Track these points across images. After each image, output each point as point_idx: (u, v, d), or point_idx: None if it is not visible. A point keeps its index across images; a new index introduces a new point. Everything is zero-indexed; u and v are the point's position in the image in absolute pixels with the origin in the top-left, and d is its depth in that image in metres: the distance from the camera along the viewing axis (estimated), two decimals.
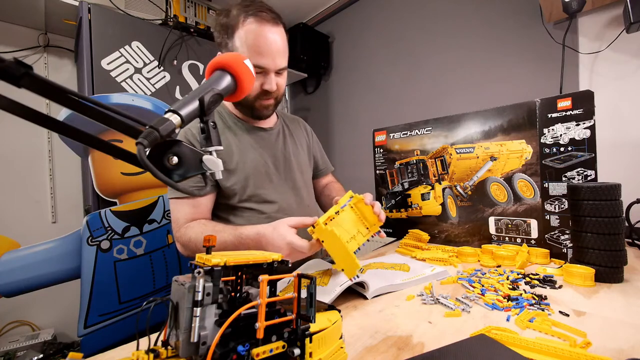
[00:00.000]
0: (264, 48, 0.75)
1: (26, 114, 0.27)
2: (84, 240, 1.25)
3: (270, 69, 0.78)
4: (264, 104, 0.83)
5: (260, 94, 0.80)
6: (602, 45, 1.20)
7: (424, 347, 0.44)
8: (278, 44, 0.77)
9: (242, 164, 0.83)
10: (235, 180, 0.82)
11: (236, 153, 0.83)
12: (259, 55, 0.75)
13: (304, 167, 0.99)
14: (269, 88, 0.79)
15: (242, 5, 0.76)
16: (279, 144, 0.94)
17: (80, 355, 0.29)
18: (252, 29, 0.74)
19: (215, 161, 0.36)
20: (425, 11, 1.80)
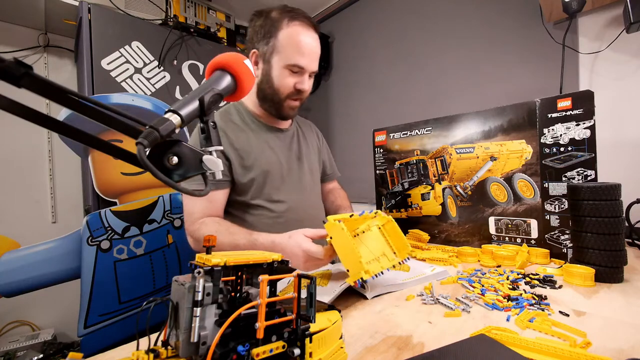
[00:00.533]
0: (306, 49, 0.80)
1: (26, 114, 0.27)
2: (84, 240, 1.25)
3: (307, 70, 0.82)
4: (291, 104, 0.86)
5: (292, 93, 0.84)
6: (602, 45, 1.20)
7: (424, 347, 0.44)
8: (316, 48, 0.83)
9: (259, 161, 0.85)
10: (251, 177, 0.84)
11: (254, 151, 0.85)
12: (301, 54, 0.79)
13: (314, 170, 1.01)
14: (302, 87, 0.83)
15: (284, 10, 0.81)
16: (293, 145, 0.96)
17: (80, 355, 0.29)
18: (298, 30, 0.79)
19: (215, 161, 0.36)
20: (425, 11, 1.80)
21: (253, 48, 0.84)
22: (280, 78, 0.82)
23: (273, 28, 0.80)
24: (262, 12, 0.83)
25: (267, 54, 0.82)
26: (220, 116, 0.88)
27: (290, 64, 0.79)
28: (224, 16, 1.82)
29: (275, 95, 0.84)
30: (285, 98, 0.84)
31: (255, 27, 0.83)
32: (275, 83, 0.82)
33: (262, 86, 0.85)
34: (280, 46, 0.79)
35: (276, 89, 0.83)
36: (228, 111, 0.91)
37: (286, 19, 0.79)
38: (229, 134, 0.84)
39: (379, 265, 0.57)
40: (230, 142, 0.83)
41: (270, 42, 0.80)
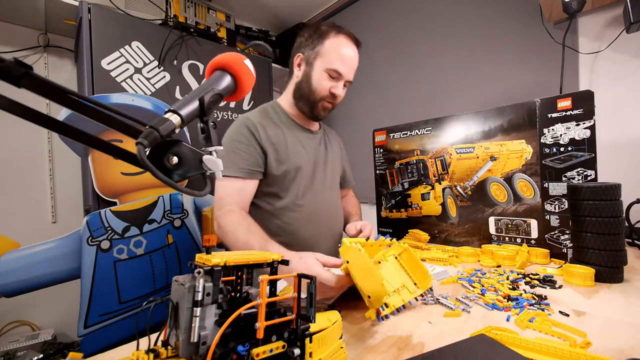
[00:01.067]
0: (347, 58, 0.88)
1: (26, 114, 0.27)
2: (84, 240, 1.25)
3: (344, 77, 0.89)
4: (325, 106, 0.93)
5: (326, 95, 0.90)
6: (602, 45, 1.20)
7: (424, 347, 0.44)
8: (355, 61, 0.92)
9: (293, 157, 0.91)
10: (284, 170, 0.89)
11: (289, 147, 0.92)
12: (342, 62, 0.88)
13: (336, 174, 1.07)
14: (337, 92, 0.90)
15: (332, 26, 0.91)
16: (321, 147, 1.02)
17: (80, 355, 0.29)
18: (343, 41, 0.89)
19: (215, 161, 0.36)
20: (425, 11, 1.80)
21: (299, 53, 0.93)
22: (318, 80, 0.89)
23: (321, 37, 0.89)
24: (312, 25, 0.94)
25: (311, 57, 0.90)
26: (259, 112, 0.95)
27: (331, 68, 0.87)
28: (224, 16, 1.82)
29: (312, 95, 0.91)
30: (320, 99, 0.91)
31: (304, 36, 0.93)
32: (314, 84, 0.90)
33: (300, 85, 0.93)
34: (325, 52, 0.88)
35: (313, 89, 0.90)
36: (265, 109, 0.98)
37: (334, 32, 0.89)
38: (266, 128, 0.90)
39: (399, 298, 0.52)
40: (267, 136, 0.89)
41: (316, 48, 0.89)
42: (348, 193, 1.22)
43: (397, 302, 0.51)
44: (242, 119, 0.91)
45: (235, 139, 0.87)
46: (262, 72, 1.87)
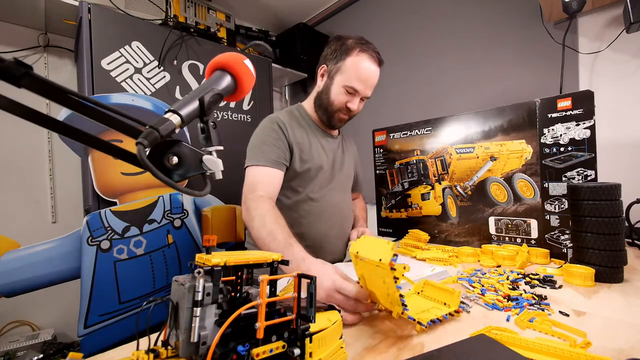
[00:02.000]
0: (365, 77, 0.94)
1: (26, 114, 0.27)
2: (84, 240, 1.25)
3: (360, 94, 0.96)
4: (341, 117, 1.00)
5: (342, 108, 0.98)
6: (602, 45, 1.20)
7: (424, 347, 0.44)
8: (374, 79, 0.98)
9: (315, 157, 0.98)
10: (307, 167, 0.96)
11: (312, 147, 0.99)
12: (359, 81, 0.94)
13: (349, 177, 1.14)
14: (352, 107, 0.97)
15: (359, 41, 0.95)
16: (338, 151, 1.09)
17: (80, 355, 0.29)
18: (364, 60, 0.93)
19: (215, 161, 0.36)
20: (425, 11, 1.80)
21: (324, 64, 0.99)
22: (336, 94, 0.96)
23: (344, 53, 0.94)
24: (341, 37, 0.98)
25: (333, 71, 0.96)
26: (286, 113, 1.03)
27: (348, 85, 0.93)
28: (224, 16, 1.82)
29: (329, 106, 0.98)
30: (336, 111, 0.98)
31: (331, 48, 0.98)
32: (332, 97, 0.97)
33: (320, 95, 1.00)
34: (345, 68, 0.94)
35: (331, 101, 0.97)
36: (292, 111, 1.05)
37: (358, 49, 0.93)
38: (293, 128, 0.97)
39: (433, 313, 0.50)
40: (294, 135, 0.96)
41: (339, 63, 0.95)
42: (357, 197, 1.30)
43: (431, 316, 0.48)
44: (272, 117, 0.98)
45: (267, 133, 0.93)
46: (262, 72, 1.87)
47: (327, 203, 1.01)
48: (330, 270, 0.56)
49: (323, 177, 1.01)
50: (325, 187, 1.01)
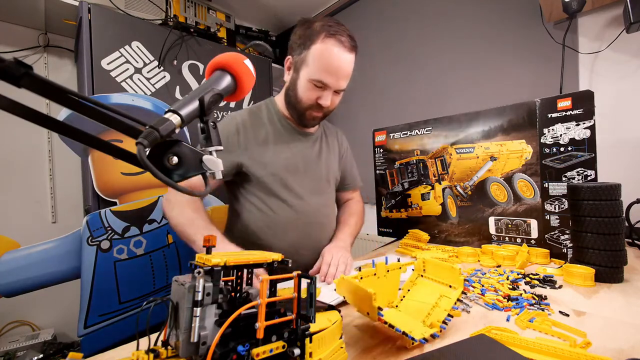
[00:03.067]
0: (334, 68, 0.80)
1: (26, 114, 0.27)
2: (84, 240, 1.25)
3: (331, 87, 0.83)
4: (313, 115, 0.88)
5: (313, 105, 0.85)
6: (602, 45, 1.20)
7: (424, 347, 0.44)
8: (346, 68, 0.83)
9: (276, 160, 0.88)
10: (266, 173, 0.87)
11: (271, 149, 0.88)
12: (326, 73, 0.80)
13: (331, 176, 1.01)
14: (324, 103, 0.84)
15: (326, 24, 0.81)
16: (314, 149, 0.97)
17: (80, 355, 0.29)
18: (329, 48, 0.79)
19: (215, 161, 0.36)
20: (425, 11, 1.80)
21: (290, 54, 0.87)
22: (304, 89, 0.84)
23: (309, 40, 0.81)
24: (307, 20, 0.85)
25: (298, 63, 0.84)
26: (248, 112, 0.92)
27: (314, 79, 0.81)
28: (224, 16, 1.82)
29: (298, 104, 0.87)
30: (307, 109, 0.87)
31: (296, 35, 0.85)
32: (299, 93, 0.85)
33: (288, 92, 0.89)
34: (310, 60, 0.81)
35: (299, 99, 0.86)
36: (259, 107, 0.95)
37: (323, 34, 0.80)
38: (250, 130, 0.88)
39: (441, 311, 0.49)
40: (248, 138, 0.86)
41: (303, 54, 0.82)
42: (352, 196, 1.15)
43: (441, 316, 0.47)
44: (228, 118, 0.89)
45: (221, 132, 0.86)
46: (262, 72, 1.87)
47: (296, 211, 0.89)
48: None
49: (290, 183, 0.89)
50: (293, 193, 0.90)
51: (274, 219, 0.88)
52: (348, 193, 1.14)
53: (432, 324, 0.46)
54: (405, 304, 0.53)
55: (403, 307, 0.52)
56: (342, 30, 0.81)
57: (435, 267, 0.56)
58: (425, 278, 0.56)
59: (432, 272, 0.56)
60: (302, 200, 0.91)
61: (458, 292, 0.50)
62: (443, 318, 0.47)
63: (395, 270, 0.54)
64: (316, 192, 0.95)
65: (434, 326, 0.46)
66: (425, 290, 0.54)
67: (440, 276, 0.54)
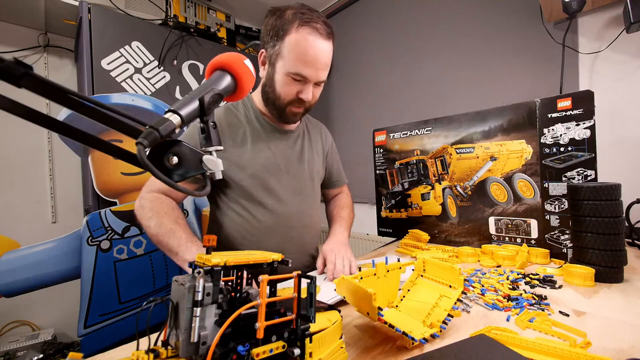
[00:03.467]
0: (311, 59, 0.75)
1: (26, 114, 0.27)
2: (84, 240, 1.25)
3: (311, 80, 0.78)
4: (294, 111, 0.83)
5: (294, 100, 0.80)
6: (602, 45, 1.20)
7: (424, 347, 0.44)
8: (325, 58, 0.78)
9: (254, 161, 0.83)
10: (244, 175, 0.82)
11: (250, 150, 0.83)
12: (304, 64, 0.75)
13: (315, 175, 0.97)
14: (305, 97, 0.79)
15: (299, 11, 0.76)
16: (296, 147, 0.93)
17: (80, 355, 0.29)
18: (306, 37, 0.74)
19: (215, 161, 0.36)
20: (425, 11, 1.80)
21: (262, 48, 0.82)
22: (282, 84, 0.78)
23: (282, 31, 0.75)
24: (277, 9, 0.79)
25: (273, 57, 0.78)
26: (224, 110, 0.87)
27: (292, 72, 0.76)
28: (224, 16, 1.82)
29: (277, 100, 0.81)
30: (287, 104, 0.81)
31: (267, 25, 0.79)
32: (277, 89, 0.80)
33: (265, 89, 0.84)
34: (285, 52, 0.75)
35: (277, 94, 0.80)
36: (235, 106, 0.89)
37: (297, 23, 0.74)
38: (226, 130, 0.83)
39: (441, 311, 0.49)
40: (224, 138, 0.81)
41: (277, 46, 0.77)
42: (338, 192, 1.12)
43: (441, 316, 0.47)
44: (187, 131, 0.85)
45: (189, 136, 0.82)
46: None
47: (279, 214, 0.86)
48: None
49: (271, 184, 0.85)
50: (275, 196, 0.86)
51: (256, 225, 0.84)
52: (336, 190, 1.12)
53: (432, 324, 0.46)
54: (405, 304, 0.53)
55: (403, 307, 0.52)
56: (316, 17, 0.76)
57: (435, 267, 0.56)
58: (425, 278, 0.56)
59: (432, 272, 0.56)
60: (284, 203, 0.87)
61: (458, 292, 0.50)
62: (443, 318, 0.47)
63: (395, 270, 0.54)
64: (299, 193, 0.91)
65: (434, 326, 0.46)
66: (425, 290, 0.55)
67: (440, 276, 0.54)
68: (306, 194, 0.93)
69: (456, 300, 0.49)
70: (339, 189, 1.13)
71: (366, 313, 0.47)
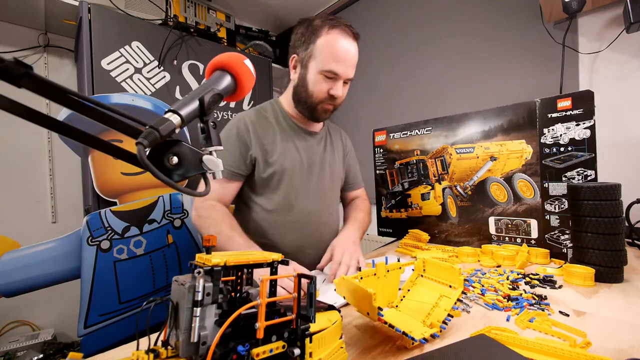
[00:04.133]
0: (342, 56, 0.82)
1: (26, 114, 0.27)
2: (84, 240, 1.25)
3: (342, 77, 0.84)
4: (325, 108, 0.89)
5: (325, 98, 0.86)
6: (602, 45, 1.20)
7: (424, 347, 0.44)
8: (353, 57, 0.85)
9: (282, 158, 0.89)
10: (272, 172, 0.88)
11: (279, 149, 0.89)
12: (336, 61, 0.82)
13: (335, 176, 1.02)
14: (335, 93, 0.85)
15: (327, 18, 0.85)
16: (319, 149, 0.98)
17: (80, 355, 0.29)
18: (336, 38, 0.82)
19: (215, 161, 0.36)
20: (425, 11, 1.80)
21: (294, 53, 0.89)
22: (314, 83, 0.85)
23: (313, 35, 0.84)
24: (306, 20, 0.88)
25: (305, 59, 0.86)
26: (254, 112, 0.93)
27: (325, 69, 0.82)
28: (224, 16, 1.82)
29: (309, 99, 0.87)
30: (319, 102, 0.87)
31: (298, 34, 0.88)
32: (310, 87, 0.86)
33: (297, 89, 0.90)
34: (318, 52, 0.83)
35: (310, 93, 0.86)
36: (264, 108, 0.96)
37: (327, 27, 0.83)
38: (259, 129, 0.89)
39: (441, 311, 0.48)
40: (258, 137, 0.87)
41: (309, 48, 0.84)
42: (357, 194, 1.15)
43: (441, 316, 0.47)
44: (235, 118, 0.91)
45: (224, 137, 0.87)
46: (262, 72, 1.87)
47: (301, 211, 0.90)
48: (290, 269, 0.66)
49: (295, 182, 0.90)
50: (298, 193, 0.90)
51: (280, 219, 0.89)
52: (353, 193, 1.14)
53: (432, 324, 0.46)
54: (405, 304, 0.53)
55: (403, 307, 0.52)
56: (343, 22, 0.85)
57: (435, 267, 0.56)
58: (425, 278, 0.56)
59: (432, 272, 0.56)
60: (304, 200, 0.92)
61: (458, 292, 0.50)
62: (443, 318, 0.47)
63: (395, 270, 0.54)
64: (319, 191, 0.96)
65: (434, 326, 0.46)
66: (425, 290, 0.55)
67: (440, 276, 0.54)
68: (326, 193, 0.98)
69: (456, 300, 0.49)
70: (356, 192, 1.15)
71: (366, 313, 0.47)
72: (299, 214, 0.90)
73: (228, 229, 0.78)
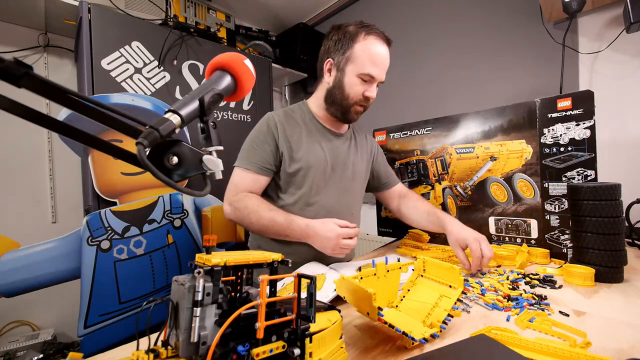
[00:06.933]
0: (379, 60, 0.88)
1: (26, 114, 0.27)
2: (84, 240, 1.25)
3: (377, 79, 0.89)
4: (357, 109, 0.93)
5: (360, 100, 0.91)
6: (602, 45, 1.20)
7: (424, 347, 0.44)
8: (387, 60, 0.90)
9: (307, 155, 0.92)
10: (297, 167, 0.91)
11: (304, 147, 0.93)
12: (374, 65, 0.87)
13: (358, 177, 1.03)
14: (371, 95, 0.90)
15: (360, 25, 0.89)
16: (343, 149, 1.01)
17: (80, 355, 0.29)
18: (373, 43, 0.87)
19: (215, 161, 0.36)
20: (425, 11, 1.80)
21: (328, 58, 0.92)
22: (351, 85, 0.89)
23: (350, 41, 0.88)
24: (340, 26, 0.92)
25: (341, 63, 0.89)
26: (283, 111, 0.97)
27: (363, 73, 0.87)
28: (224, 16, 1.82)
29: (345, 100, 0.91)
30: (353, 104, 0.91)
31: (333, 39, 0.92)
32: (346, 90, 0.90)
33: (333, 91, 0.93)
34: (356, 56, 0.87)
35: (346, 95, 0.90)
36: (292, 109, 1.00)
37: (363, 33, 0.88)
38: (286, 127, 0.92)
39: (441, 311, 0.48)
40: (286, 134, 0.91)
41: (347, 53, 0.88)
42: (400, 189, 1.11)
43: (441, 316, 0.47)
44: (268, 115, 0.96)
45: (257, 134, 0.92)
46: (262, 72, 1.87)
47: (322, 206, 0.93)
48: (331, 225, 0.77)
49: (318, 179, 0.93)
50: (322, 190, 0.93)
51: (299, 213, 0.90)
52: (392, 190, 1.11)
53: (432, 324, 0.46)
54: (405, 304, 0.53)
55: (403, 307, 0.52)
56: (375, 28, 0.90)
57: (435, 267, 0.56)
58: (425, 278, 0.56)
59: (432, 272, 0.56)
60: (327, 197, 0.94)
61: (458, 292, 0.50)
62: (443, 318, 0.47)
63: (395, 270, 0.54)
64: (342, 190, 0.98)
65: (434, 326, 0.46)
66: (425, 290, 0.54)
67: (440, 276, 0.54)
68: (348, 192, 1.00)
69: (456, 300, 0.49)
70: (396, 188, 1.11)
71: (366, 313, 0.47)
72: (320, 211, 0.93)
73: (266, 211, 0.84)
